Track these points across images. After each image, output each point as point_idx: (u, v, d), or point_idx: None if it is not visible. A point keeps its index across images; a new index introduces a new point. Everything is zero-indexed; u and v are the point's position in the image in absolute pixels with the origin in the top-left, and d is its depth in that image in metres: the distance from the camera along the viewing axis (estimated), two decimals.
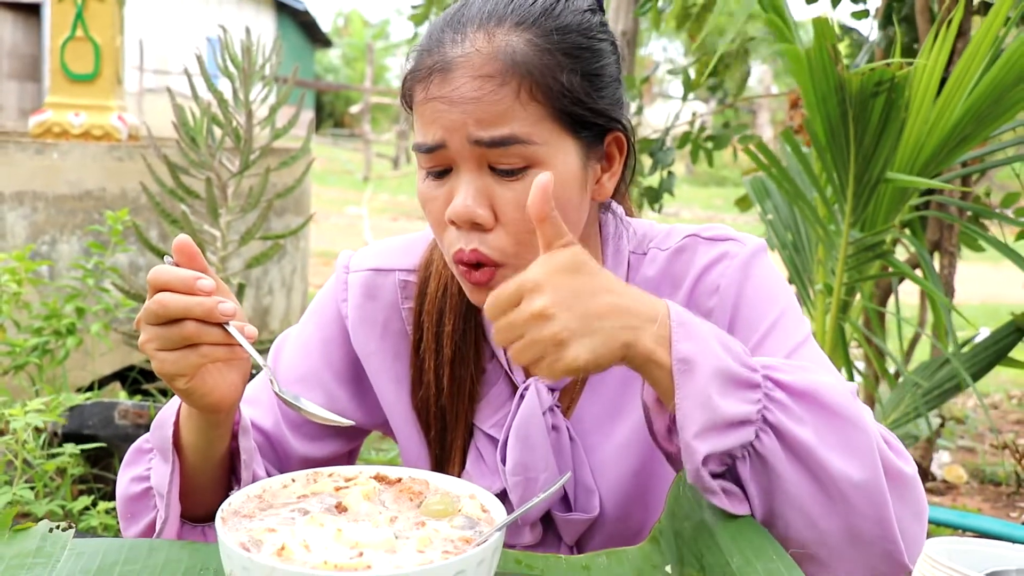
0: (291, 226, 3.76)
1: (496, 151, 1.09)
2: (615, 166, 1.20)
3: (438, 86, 1.09)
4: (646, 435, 1.18)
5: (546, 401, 1.23)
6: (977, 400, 5.62)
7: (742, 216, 15.64)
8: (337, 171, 21.18)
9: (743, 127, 4.28)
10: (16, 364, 3.00)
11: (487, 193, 1.10)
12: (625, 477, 1.25)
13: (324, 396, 1.32)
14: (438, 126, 1.10)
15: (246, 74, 3.16)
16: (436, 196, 1.13)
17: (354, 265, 1.33)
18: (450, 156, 1.11)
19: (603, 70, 1.15)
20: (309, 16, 28.82)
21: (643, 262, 1.26)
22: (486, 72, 1.08)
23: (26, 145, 4.34)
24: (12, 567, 1.03)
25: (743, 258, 1.22)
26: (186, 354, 1.02)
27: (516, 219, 1.10)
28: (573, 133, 1.12)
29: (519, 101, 1.08)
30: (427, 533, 0.97)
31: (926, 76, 2.46)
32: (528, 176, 1.09)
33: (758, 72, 21.94)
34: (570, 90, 1.10)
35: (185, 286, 1.00)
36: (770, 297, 1.22)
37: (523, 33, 1.10)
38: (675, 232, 1.28)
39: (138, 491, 1.21)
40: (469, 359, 1.27)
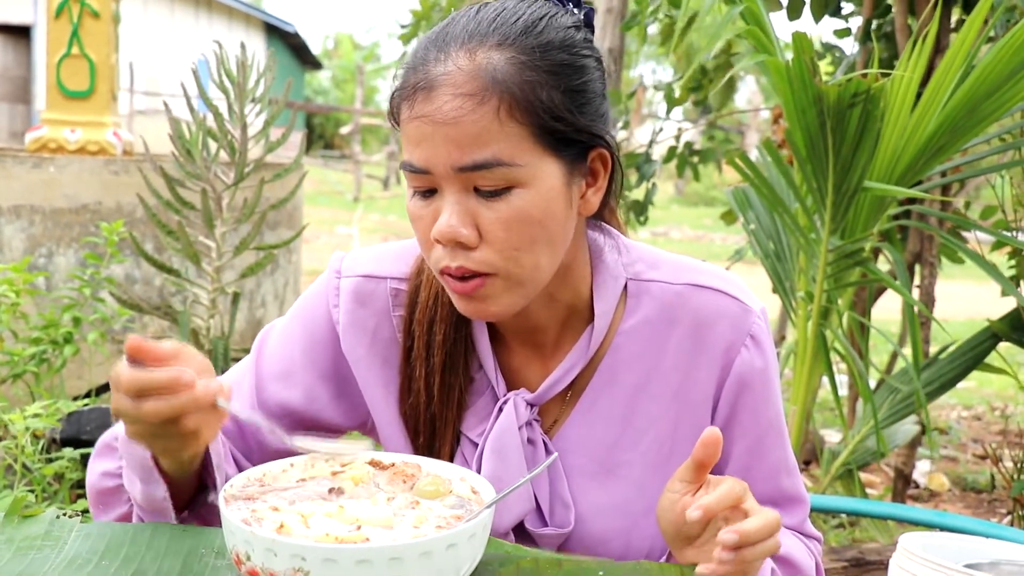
0: (284, 239, 3.80)
1: (478, 173, 1.09)
2: (600, 181, 1.20)
3: (421, 104, 1.10)
4: (639, 492, 1.25)
5: (523, 416, 1.26)
6: (960, 410, 5.68)
7: (731, 235, 15.72)
8: (327, 192, 21.17)
9: (729, 142, 4.34)
10: (14, 373, 3.03)
11: (471, 213, 1.11)
12: (606, 508, 1.27)
13: (304, 394, 1.32)
14: (422, 151, 1.11)
15: (241, 88, 3.22)
16: (423, 215, 1.14)
17: (346, 270, 1.33)
18: (435, 180, 1.12)
19: (586, 86, 1.15)
20: (299, 38, 28.83)
21: (643, 290, 1.28)
22: (466, 90, 1.08)
23: (23, 159, 4.38)
24: (22, 549, 1.07)
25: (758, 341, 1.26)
26: (186, 439, 1.07)
27: (500, 238, 1.11)
28: (555, 151, 1.13)
29: (499, 119, 1.08)
30: (421, 512, 1.02)
31: (903, 88, 2.52)
32: (511, 196, 1.10)
33: (747, 92, 22.07)
34: (551, 107, 1.11)
35: (168, 388, 1.02)
36: (770, 397, 1.29)
37: (504, 51, 1.10)
38: (679, 266, 1.30)
39: (110, 486, 1.24)
40: (459, 368, 1.28)
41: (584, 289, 1.27)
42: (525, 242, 1.12)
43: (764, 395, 1.28)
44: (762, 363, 1.27)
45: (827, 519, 3.64)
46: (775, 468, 1.31)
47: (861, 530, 3.57)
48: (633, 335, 1.27)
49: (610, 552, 1.26)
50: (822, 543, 1.39)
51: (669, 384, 1.27)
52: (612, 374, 1.27)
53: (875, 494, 3.97)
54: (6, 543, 1.08)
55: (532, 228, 1.12)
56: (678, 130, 4.50)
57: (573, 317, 1.28)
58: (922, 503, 4.04)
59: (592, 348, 1.26)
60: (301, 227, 4.25)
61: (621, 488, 1.27)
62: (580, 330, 1.28)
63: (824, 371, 2.92)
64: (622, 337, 1.27)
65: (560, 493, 1.27)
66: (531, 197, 1.11)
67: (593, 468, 1.28)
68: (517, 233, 1.12)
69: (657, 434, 1.27)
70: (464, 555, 0.96)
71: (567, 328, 1.29)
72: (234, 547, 0.95)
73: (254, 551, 0.92)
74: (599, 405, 1.28)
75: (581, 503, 1.27)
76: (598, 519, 1.27)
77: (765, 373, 1.27)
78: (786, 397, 3.36)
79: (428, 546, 0.92)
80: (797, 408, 2.95)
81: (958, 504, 4.08)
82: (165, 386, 1.02)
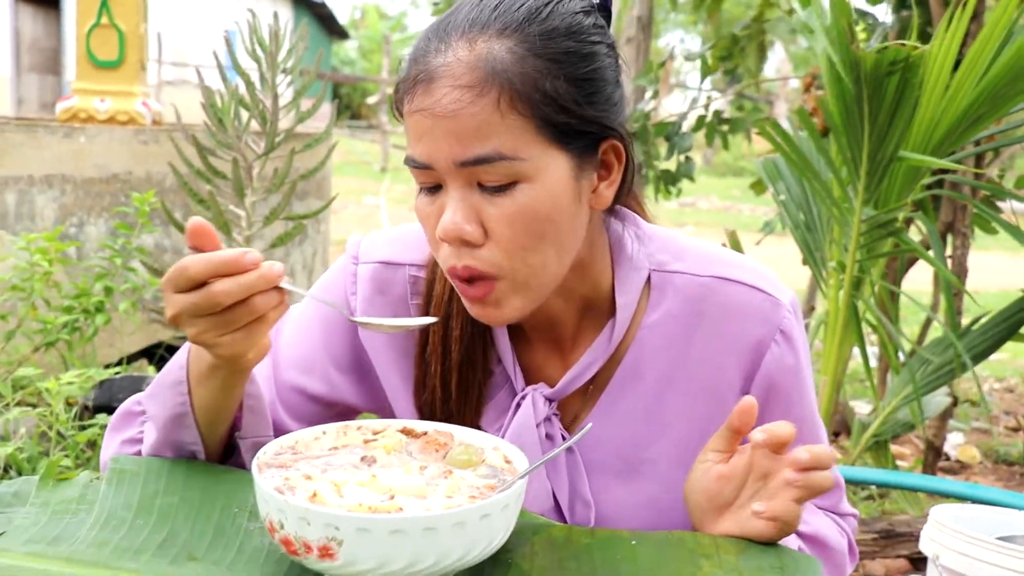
0: (312, 209, 3.81)
1: (481, 168, 1.05)
2: (614, 174, 1.15)
3: (421, 97, 1.07)
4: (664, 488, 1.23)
5: (541, 412, 1.22)
6: (992, 382, 5.64)
7: (760, 206, 15.62)
8: (355, 162, 21.20)
9: (758, 111, 4.30)
10: (47, 341, 3.07)
11: (476, 210, 1.07)
12: (629, 507, 1.25)
13: (323, 382, 1.30)
14: (423, 145, 1.08)
15: (273, 58, 3.21)
16: (429, 212, 1.11)
17: (364, 255, 1.30)
18: (438, 176, 1.08)
19: (594, 74, 1.09)
20: (326, 8, 28.80)
21: (667, 282, 1.23)
22: (465, 82, 1.04)
23: (54, 129, 4.41)
24: (57, 511, 1.08)
25: (788, 336, 1.23)
26: (253, 329, 1.02)
27: (505, 235, 1.07)
28: (562, 144, 1.08)
29: (499, 112, 1.04)
30: (454, 481, 1.01)
31: (940, 56, 2.48)
32: (516, 192, 1.06)
33: (775, 62, 21.86)
34: (555, 98, 1.06)
35: (236, 267, 0.98)
36: (803, 393, 1.26)
37: (505, 40, 1.06)
38: (705, 257, 1.25)
39: (132, 453, 1.21)
40: (477, 364, 1.24)
41: (603, 282, 1.23)
42: (532, 239, 1.08)
43: (796, 392, 1.24)
44: (793, 359, 1.23)
45: (857, 491, 3.63)
46: None
47: (891, 502, 3.56)
48: (657, 329, 1.22)
49: None
50: (857, 518, 1.38)
51: (695, 380, 1.22)
52: (635, 369, 1.23)
53: (905, 466, 3.95)
54: (41, 506, 1.09)
55: (539, 224, 1.08)
56: (707, 99, 4.46)
57: (593, 311, 1.24)
58: (953, 475, 4.03)
59: (614, 343, 1.22)
60: (330, 197, 4.26)
61: (645, 485, 1.24)
62: (601, 324, 1.23)
63: (855, 342, 2.90)
64: (646, 331, 1.23)
65: (580, 491, 1.24)
66: (537, 192, 1.07)
67: (615, 465, 1.24)
68: (523, 230, 1.07)
69: (682, 430, 1.23)
70: (497, 525, 0.96)
71: (587, 322, 1.25)
72: (267, 515, 0.95)
73: (287, 520, 0.92)
74: (622, 401, 1.24)
75: (602, 501, 1.24)
76: (620, 517, 1.24)
77: (796, 368, 1.23)
78: (817, 368, 3.35)
79: (462, 516, 0.92)
80: (827, 379, 2.93)
81: (989, 476, 4.06)
82: (234, 265, 0.98)
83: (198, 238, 1.00)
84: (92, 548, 1.01)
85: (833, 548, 1.28)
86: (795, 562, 1.03)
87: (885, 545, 2.77)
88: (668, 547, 1.05)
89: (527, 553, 1.03)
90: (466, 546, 0.93)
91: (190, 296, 0.99)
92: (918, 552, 2.65)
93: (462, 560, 0.94)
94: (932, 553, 1.80)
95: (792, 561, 1.04)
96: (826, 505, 1.33)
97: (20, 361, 3.06)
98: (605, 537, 1.07)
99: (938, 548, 1.79)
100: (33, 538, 1.03)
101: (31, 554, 1.00)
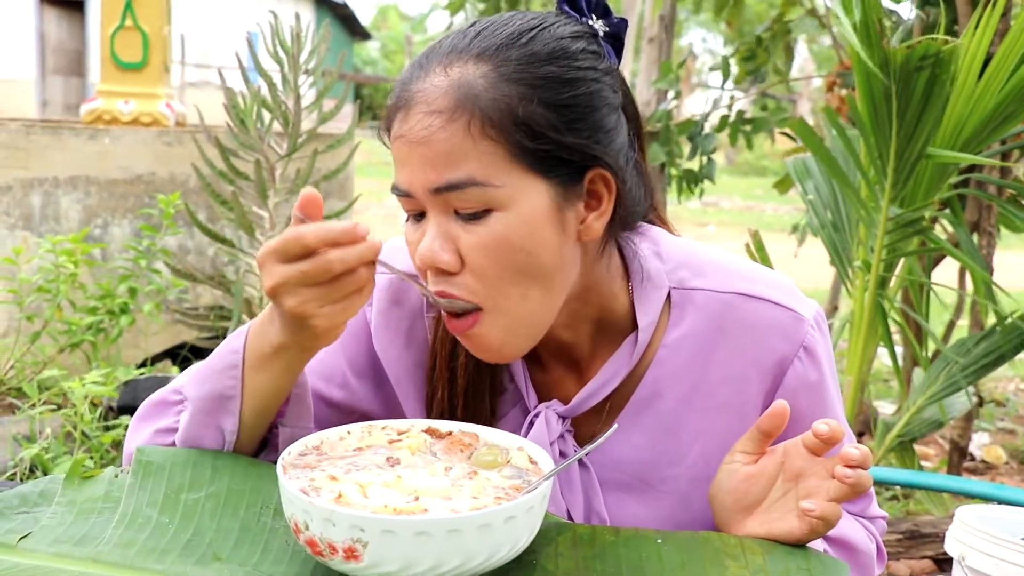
0: (335, 210, 3.82)
1: (454, 195, 1.04)
2: (604, 205, 1.11)
3: (399, 123, 1.07)
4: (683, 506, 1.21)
5: (555, 430, 1.21)
6: (1017, 382, 5.59)
7: (783, 205, 15.55)
8: (376, 163, 21.23)
9: (781, 111, 4.28)
10: (72, 342, 3.09)
11: (451, 237, 1.06)
12: (644, 523, 1.21)
13: (342, 388, 1.29)
14: (403, 172, 1.07)
15: (295, 59, 3.22)
16: (413, 240, 1.10)
17: (379, 265, 1.32)
18: (419, 203, 1.07)
19: (576, 100, 1.05)
20: (348, 9, 28.90)
21: (688, 300, 1.20)
22: (437, 107, 1.03)
23: (79, 131, 4.44)
24: (84, 511, 1.08)
25: (811, 352, 1.20)
26: (354, 299, 1.01)
27: (481, 265, 1.06)
28: (540, 172, 1.05)
29: (470, 137, 1.02)
30: (479, 482, 1.01)
31: (970, 53, 2.46)
32: (490, 220, 1.04)
33: (799, 60, 21.76)
34: (529, 123, 1.03)
35: (352, 237, 0.97)
36: (827, 409, 1.23)
37: (481, 65, 1.04)
38: (726, 272, 1.22)
39: (166, 443, 1.20)
40: (484, 391, 1.23)
41: (617, 304, 1.20)
42: (508, 271, 1.06)
43: (820, 408, 1.22)
44: (816, 375, 1.20)
45: (881, 491, 3.60)
46: None
47: (916, 502, 3.54)
48: (678, 348, 1.20)
49: None
50: (887, 520, 1.36)
51: (715, 397, 1.20)
52: (655, 389, 1.21)
53: (930, 466, 3.92)
54: (68, 505, 1.09)
55: (514, 255, 1.05)
56: (730, 99, 4.45)
57: (608, 331, 1.22)
58: (978, 476, 3.99)
59: (634, 361, 1.20)
60: (353, 198, 4.26)
61: (662, 502, 1.22)
62: (617, 342, 1.21)
63: (881, 341, 2.88)
64: (666, 350, 1.20)
65: (595, 508, 1.22)
66: (511, 221, 1.04)
67: (632, 483, 1.23)
68: (498, 259, 1.05)
69: (703, 448, 1.21)
70: (523, 527, 0.95)
71: (602, 342, 1.22)
72: (292, 516, 0.95)
73: (312, 521, 0.92)
74: (641, 420, 1.22)
75: (618, 518, 1.22)
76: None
77: (820, 385, 1.21)
78: (841, 368, 3.33)
79: (487, 518, 0.92)
80: (852, 379, 2.91)
81: (1015, 477, 4.03)
82: (350, 235, 0.98)
83: (309, 208, 1.00)
84: (118, 549, 1.02)
85: (860, 551, 1.26)
86: (822, 565, 1.03)
87: (910, 546, 2.75)
88: (694, 547, 1.04)
89: (552, 553, 1.03)
90: (491, 548, 0.93)
91: (300, 265, 0.98)
92: (943, 553, 2.63)
93: (488, 562, 0.93)
94: (958, 554, 1.78)
95: (819, 564, 1.03)
96: (855, 510, 1.31)
97: (46, 362, 3.09)
98: (630, 536, 1.06)
99: (964, 549, 1.77)
100: (59, 538, 1.03)
101: (57, 555, 1.00)
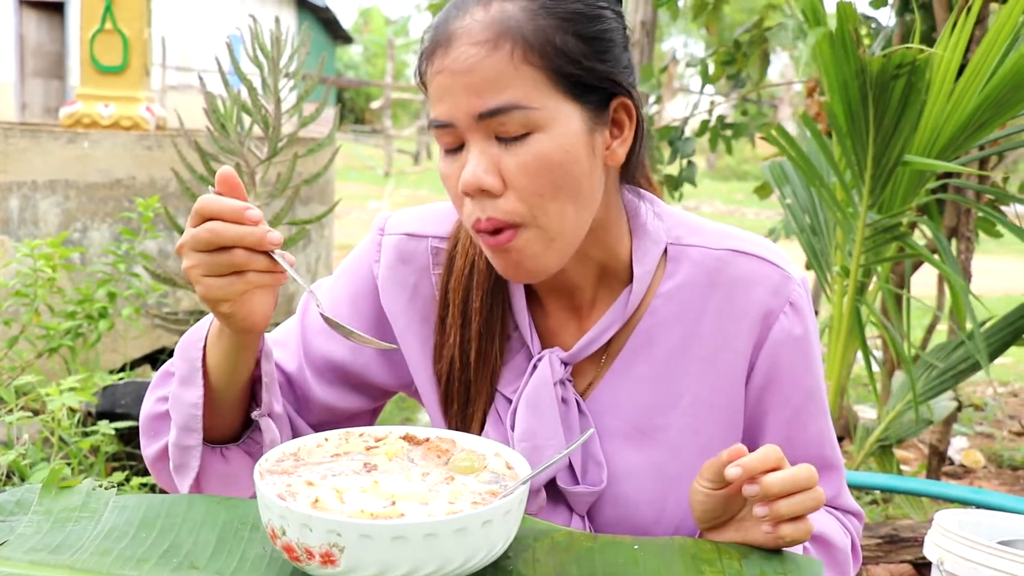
0: (316, 214, 3.81)
1: (497, 119, 1.11)
2: (626, 132, 1.20)
3: (440, 59, 1.13)
4: (674, 455, 1.26)
5: (558, 373, 1.26)
6: (995, 386, 5.63)
7: (764, 210, 15.61)
8: (358, 167, 21.23)
9: (762, 116, 4.30)
10: (50, 347, 3.07)
11: (494, 161, 1.12)
12: (638, 471, 1.27)
13: (350, 348, 1.34)
14: (444, 104, 1.13)
15: (275, 63, 3.21)
16: (452, 172, 1.16)
17: (389, 228, 1.36)
18: (459, 133, 1.13)
19: (604, 34, 1.15)
20: (330, 13, 28.86)
21: (683, 255, 1.28)
22: (481, 39, 1.10)
23: (58, 135, 4.42)
24: (60, 520, 1.08)
25: (797, 308, 1.26)
26: (233, 281, 1.07)
27: (523, 184, 1.12)
28: (574, 97, 1.13)
29: (512, 64, 1.10)
30: (456, 487, 1.01)
31: (946, 60, 2.48)
32: (531, 141, 1.11)
33: (779, 66, 21.87)
34: (566, 51, 1.11)
35: (235, 216, 1.05)
36: (810, 366, 1.28)
37: (518, 1, 1.12)
38: (720, 233, 1.31)
39: (161, 411, 1.26)
40: (495, 334, 1.29)
41: (620, 250, 1.27)
42: (548, 188, 1.13)
43: (803, 363, 1.27)
44: (801, 330, 1.26)
45: (861, 495, 3.62)
46: (817, 439, 1.30)
47: (895, 507, 3.56)
48: (671, 298, 1.27)
49: (643, 516, 1.26)
50: (862, 519, 1.38)
51: (706, 348, 1.26)
52: (649, 337, 1.27)
53: (909, 471, 3.95)
54: (44, 514, 1.09)
55: (555, 173, 1.12)
56: (711, 103, 4.46)
57: (609, 278, 1.28)
58: (957, 480, 4.02)
59: (629, 309, 1.26)
60: (333, 202, 4.26)
61: (655, 451, 1.27)
62: (617, 292, 1.28)
63: (859, 346, 2.89)
64: (660, 300, 1.27)
65: (593, 452, 1.27)
66: (551, 141, 1.12)
67: (627, 430, 1.28)
68: (539, 178, 1.12)
69: (693, 398, 1.27)
70: (499, 531, 0.96)
71: (603, 289, 1.29)
72: (269, 521, 0.95)
73: (289, 526, 0.92)
74: (635, 368, 1.28)
75: (614, 463, 1.27)
76: (631, 480, 1.27)
77: (804, 340, 1.27)
78: None
79: (463, 522, 0.92)
80: (831, 383, 2.93)
81: (993, 481, 4.05)
82: (233, 214, 1.05)
83: (223, 185, 1.08)
84: (95, 557, 1.01)
85: (837, 547, 1.28)
86: (797, 567, 1.03)
87: (889, 550, 2.76)
88: (670, 553, 1.05)
89: (529, 559, 1.03)
90: (468, 552, 0.93)
91: (193, 229, 1.06)
92: (922, 557, 2.64)
93: (464, 566, 0.94)
94: (936, 558, 1.79)
95: (795, 566, 1.04)
96: (830, 493, 1.33)
97: (23, 367, 3.06)
98: (607, 542, 1.07)
99: (942, 553, 1.78)
100: (35, 546, 1.02)
101: (33, 562, 1.00)
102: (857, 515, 1.37)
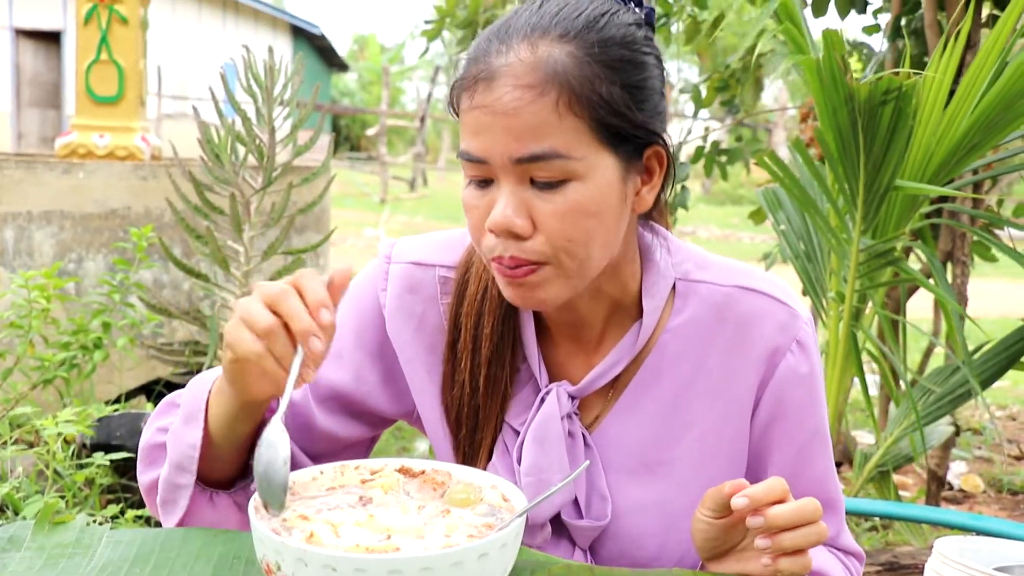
0: (311, 243, 3.81)
1: (535, 165, 1.10)
2: (655, 179, 1.20)
3: (482, 95, 1.11)
4: (679, 491, 1.26)
5: (565, 407, 1.26)
6: (993, 410, 5.62)
7: (759, 234, 15.64)
8: (354, 194, 21.26)
9: (757, 141, 4.31)
10: (45, 378, 3.06)
11: (526, 205, 1.12)
12: (643, 506, 1.27)
13: (353, 375, 1.33)
14: (481, 141, 1.12)
15: (268, 92, 3.22)
16: (478, 205, 1.15)
17: (396, 256, 1.35)
18: (492, 170, 1.13)
19: (645, 83, 1.15)
20: (325, 40, 28.99)
21: (691, 290, 1.28)
22: (527, 82, 1.09)
23: (53, 165, 4.43)
24: (54, 556, 1.07)
25: (804, 347, 1.27)
26: (262, 351, 1.05)
27: (555, 230, 1.12)
28: (612, 147, 1.13)
29: (557, 112, 1.09)
30: (452, 520, 1.01)
31: (935, 85, 2.49)
32: (567, 189, 1.11)
33: (773, 91, 21.97)
34: (609, 102, 1.11)
35: (314, 305, 1.04)
36: (815, 404, 1.28)
37: (565, 45, 1.11)
38: (728, 269, 1.31)
39: (161, 441, 1.24)
40: (505, 361, 1.28)
41: (632, 286, 1.27)
42: (579, 234, 1.12)
43: (809, 401, 1.27)
44: (807, 368, 1.26)
45: (860, 522, 3.61)
46: (820, 476, 1.30)
47: (895, 533, 3.54)
48: (679, 334, 1.27)
49: (644, 550, 1.26)
50: (863, 561, 1.37)
51: (713, 383, 1.26)
52: (656, 372, 1.27)
53: (909, 496, 3.93)
54: (37, 551, 1.08)
55: (587, 221, 1.12)
56: (705, 129, 4.48)
57: (619, 313, 1.28)
58: (956, 505, 4.01)
59: (639, 345, 1.26)
60: (329, 231, 4.26)
61: (660, 486, 1.27)
62: (626, 327, 1.28)
63: (856, 372, 2.89)
64: (668, 335, 1.27)
65: (598, 486, 1.27)
66: (587, 190, 1.11)
67: (632, 464, 1.27)
68: (572, 225, 1.12)
69: (699, 433, 1.27)
70: (496, 564, 0.95)
71: (612, 324, 1.29)
72: (264, 556, 0.95)
73: (284, 561, 0.92)
74: (642, 403, 1.28)
75: (619, 498, 1.27)
76: (635, 515, 1.26)
77: (810, 378, 1.27)
78: None
79: (459, 556, 0.91)
80: (829, 409, 2.92)
81: (993, 506, 4.04)
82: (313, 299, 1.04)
83: (331, 284, 1.08)
84: None
85: None
86: None
87: None
88: None
89: None
90: None
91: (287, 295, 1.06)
92: None
93: None
94: None
95: None
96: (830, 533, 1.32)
97: (17, 399, 3.05)
98: (604, 574, 1.06)
99: None
100: None
101: None
102: (858, 556, 1.36)
